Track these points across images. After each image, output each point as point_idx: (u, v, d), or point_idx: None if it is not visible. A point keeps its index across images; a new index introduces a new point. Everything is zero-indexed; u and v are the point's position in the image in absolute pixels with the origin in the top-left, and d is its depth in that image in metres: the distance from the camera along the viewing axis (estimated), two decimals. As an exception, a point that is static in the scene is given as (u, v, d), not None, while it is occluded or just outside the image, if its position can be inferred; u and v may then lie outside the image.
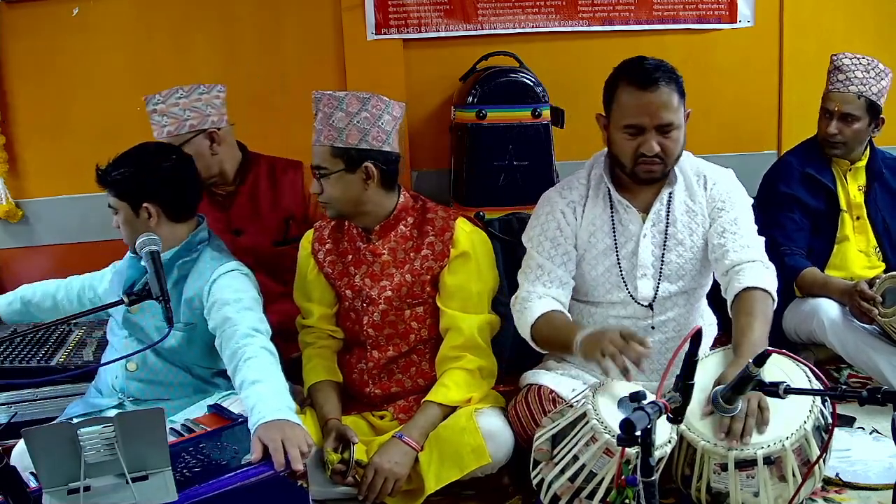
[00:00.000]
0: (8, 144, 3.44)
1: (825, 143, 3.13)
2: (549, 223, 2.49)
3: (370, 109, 2.41)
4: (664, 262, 2.44)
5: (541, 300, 2.41)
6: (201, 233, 2.46)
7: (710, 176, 2.49)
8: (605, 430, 1.99)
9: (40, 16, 3.39)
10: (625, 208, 2.46)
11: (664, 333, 2.48)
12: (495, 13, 3.57)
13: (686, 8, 3.67)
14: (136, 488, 1.77)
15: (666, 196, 2.45)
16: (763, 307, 2.24)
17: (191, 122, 2.77)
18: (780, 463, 2.03)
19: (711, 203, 2.46)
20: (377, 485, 2.29)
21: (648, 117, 2.30)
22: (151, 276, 2.05)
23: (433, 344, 2.56)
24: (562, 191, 2.53)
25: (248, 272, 2.45)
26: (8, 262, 3.52)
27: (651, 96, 2.30)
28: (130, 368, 2.43)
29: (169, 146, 2.55)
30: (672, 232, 2.44)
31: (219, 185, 2.93)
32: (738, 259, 2.34)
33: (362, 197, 2.44)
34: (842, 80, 3.06)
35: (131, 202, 2.35)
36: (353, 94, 2.42)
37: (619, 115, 2.36)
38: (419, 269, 2.50)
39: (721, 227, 2.41)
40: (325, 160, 2.41)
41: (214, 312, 2.32)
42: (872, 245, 3.17)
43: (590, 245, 2.48)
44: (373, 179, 2.42)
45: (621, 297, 2.46)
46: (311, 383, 2.52)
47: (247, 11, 3.50)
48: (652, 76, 2.31)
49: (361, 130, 2.39)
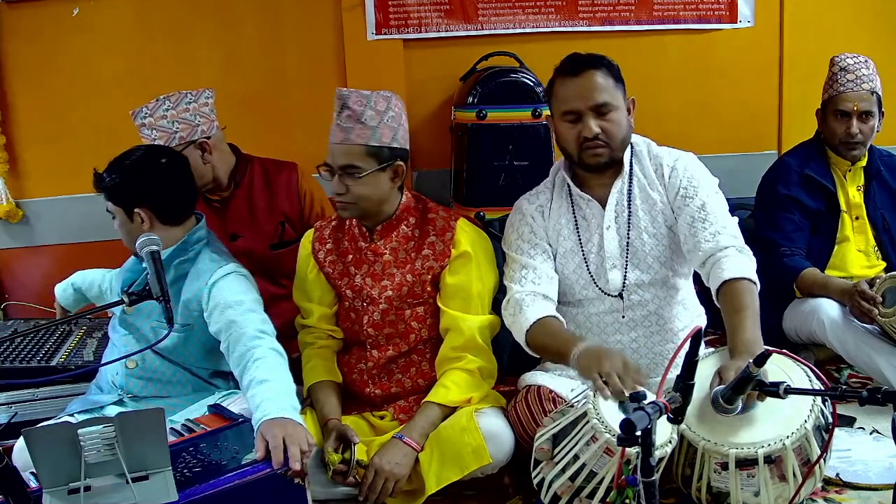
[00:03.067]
0: (8, 145, 3.45)
1: (845, 146, 3.09)
2: (522, 227, 2.53)
3: (394, 108, 2.43)
4: (629, 250, 2.46)
5: (535, 303, 2.41)
6: (199, 232, 2.45)
7: (666, 163, 2.49)
8: (605, 429, 1.99)
9: (40, 16, 3.39)
10: (586, 203, 2.49)
11: (646, 327, 2.48)
12: (495, 13, 3.57)
13: (686, 8, 3.67)
14: (136, 488, 1.77)
15: (622, 184, 2.47)
16: (749, 299, 2.24)
17: (180, 135, 2.75)
18: (781, 462, 2.03)
19: (673, 191, 2.46)
20: (378, 486, 2.29)
21: (582, 100, 2.37)
22: (152, 276, 2.04)
23: (433, 344, 2.56)
24: (529, 197, 2.59)
25: (247, 273, 2.45)
26: (8, 262, 3.53)
27: (581, 80, 2.38)
28: (130, 366, 2.43)
29: (161, 148, 2.54)
30: (634, 221, 2.47)
31: (213, 192, 2.92)
32: (712, 249, 2.33)
33: (387, 195, 2.45)
34: (852, 80, 3.06)
35: (125, 207, 2.36)
36: (379, 93, 2.42)
37: (557, 106, 2.44)
38: (420, 268, 2.50)
39: (689, 216, 2.40)
40: (357, 159, 2.38)
41: (217, 316, 2.32)
42: (872, 245, 3.17)
43: (558, 244, 2.51)
44: (400, 178, 2.44)
45: (595, 292, 2.48)
46: (311, 383, 2.52)
47: (247, 11, 3.50)
48: (580, 63, 2.40)
49: (392, 129, 2.41)
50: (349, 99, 2.40)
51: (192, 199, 2.47)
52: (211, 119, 2.83)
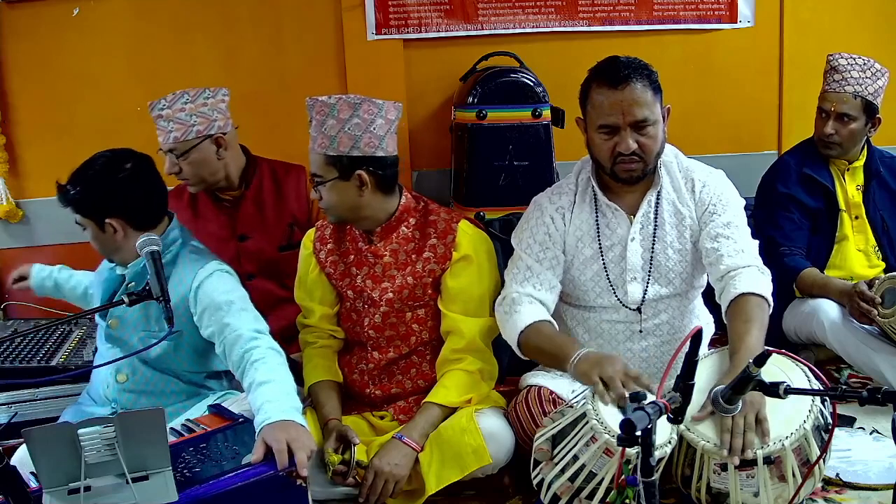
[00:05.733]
0: (8, 144, 3.45)
1: (821, 144, 3.13)
2: (538, 227, 2.48)
3: (361, 115, 2.38)
4: (653, 264, 2.43)
5: (531, 306, 2.39)
6: (172, 232, 2.38)
7: (698, 178, 2.46)
8: (605, 430, 1.99)
9: (40, 16, 3.39)
10: (612, 212, 2.44)
11: (658, 337, 2.47)
12: (495, 13, 3.57)
13: (686, 8, 3.67)
14: (136, 488, 1.77)
15: (653, 198, 2.43)
16: (760, 313, 2.23)
17: (197, 128, 2.75)
18: (780, 463, 2.03)
19: (702, 206, 2.43)
20: (378, 487, 2.29)
21: (621, 115, 2.29)
22: (152, 276, 2.04)
23: (434, 346, 2.56)
24: (551, 196, 2.53)
25: (229, 269, 2.40)
26: (8, 263, 3.52)
27: (622, 94, 2.29)
28: (120, 380, 2.39)
29: (122, 154, 2.35)
30: (660, 234, 2.43)
31: (224, 190, 2.92)
32: (734, 264, 2.31)
33: (359, 203, 2.43)
34: (837, 81, 3.07)
35: (94, 219, 2.30)
36: (345, 100, 2.39)
37: (593, 116, 2.35)
38: (421, 271, 2.49)
39: (714, 231, 2.38)
40: (319, 168, 2.40)
41: (207, 319, 2.28)
42: (871, 244, 3.17)
43: (577, 250, 2.47)
44: (367, 186, 2.40)
45: (612, 301, 2.45)
46: (312, 383, 2.52)
47: (247, 11, 3.50)
48: (621, 73, 2.30)
49: (352, 137, 2.37)
50: (313, 108, 2.41)
51: (163, 200, 2.39)
52: (227, 116, 2.84)
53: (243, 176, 2.94)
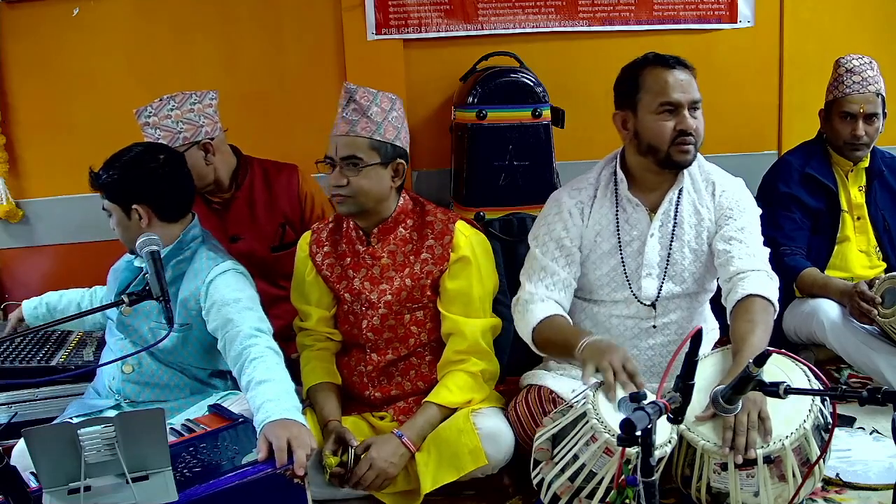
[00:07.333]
0: (8, 144, 3.44)
1: (849, 147, 3.09)
2: (555, 224, 2.49)
3: (397, 110, 2.45)
4: (669, 261, 2.44)
5: (543, 303, 2.41)
6: (193, 230, 2.43)
7: (719, 183, 2.49)
8: (605, 429, 1.99)
9: (40, 16, 3.39)
10: (634, 206, 2.45)
11: (666, 336, 2.48)
12: (495, 13, 3.57)
13: (686, 8, 3.67)
14: (136, 488, 1.77)
15: (675, 196, 2.45)
16: (765, 316, 2.24)
17: (184, 135, 2.75)
18: (780, 462, 2.03)
19: (720, 210, 2.46)
20: (369, 478, 2.29)
21: (682, 92, 2.35)
22: (152, 275, 2.04)
23: (433, 347, 2.56)
24: (570, 191, 2.53)
25: (244, 270, 2.44)
26: (8, 262, 3.52)
27: (680, 73, 2.37)
28: (126, 371, 2.42)
29: (158, 145, 2.52)
30: (679, 233, 2.45)
31: (214, 193, 2.92)
32: (743, 267, 2.34)
33: (386, 194, 2.45)
34: (858, 82, 3.07)
35: (122, 205, 2.34)
36: (384, 93, 2.44)
37: (650, 98, 2.37)
38: (419, 273, 2.49)
39: (728, 234, 2.41)
40: (360, 151, 2.39)
41: (214, 314, 2.31)
42: (873, 245, 3.18)
43: (595, 245, 2.48)
44: (399, 177, 2.44)
45: (625, 295, 2.46)
46: (311, 385, 2.52)
47: (247, 11, 3.50)
48: (671, 59, 2.38)
49: (396, 129, 2.42)
50: (356, 93, 2.41)
51: (190, 196, 2.46)
52: (214, 120, 2.83)
53: (234, 177, 2.94)
